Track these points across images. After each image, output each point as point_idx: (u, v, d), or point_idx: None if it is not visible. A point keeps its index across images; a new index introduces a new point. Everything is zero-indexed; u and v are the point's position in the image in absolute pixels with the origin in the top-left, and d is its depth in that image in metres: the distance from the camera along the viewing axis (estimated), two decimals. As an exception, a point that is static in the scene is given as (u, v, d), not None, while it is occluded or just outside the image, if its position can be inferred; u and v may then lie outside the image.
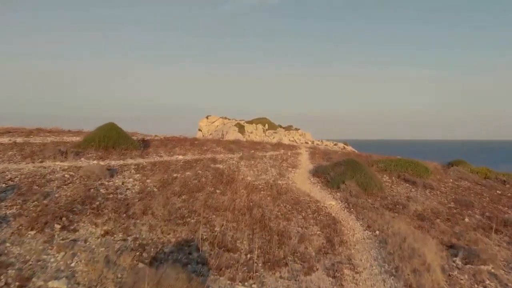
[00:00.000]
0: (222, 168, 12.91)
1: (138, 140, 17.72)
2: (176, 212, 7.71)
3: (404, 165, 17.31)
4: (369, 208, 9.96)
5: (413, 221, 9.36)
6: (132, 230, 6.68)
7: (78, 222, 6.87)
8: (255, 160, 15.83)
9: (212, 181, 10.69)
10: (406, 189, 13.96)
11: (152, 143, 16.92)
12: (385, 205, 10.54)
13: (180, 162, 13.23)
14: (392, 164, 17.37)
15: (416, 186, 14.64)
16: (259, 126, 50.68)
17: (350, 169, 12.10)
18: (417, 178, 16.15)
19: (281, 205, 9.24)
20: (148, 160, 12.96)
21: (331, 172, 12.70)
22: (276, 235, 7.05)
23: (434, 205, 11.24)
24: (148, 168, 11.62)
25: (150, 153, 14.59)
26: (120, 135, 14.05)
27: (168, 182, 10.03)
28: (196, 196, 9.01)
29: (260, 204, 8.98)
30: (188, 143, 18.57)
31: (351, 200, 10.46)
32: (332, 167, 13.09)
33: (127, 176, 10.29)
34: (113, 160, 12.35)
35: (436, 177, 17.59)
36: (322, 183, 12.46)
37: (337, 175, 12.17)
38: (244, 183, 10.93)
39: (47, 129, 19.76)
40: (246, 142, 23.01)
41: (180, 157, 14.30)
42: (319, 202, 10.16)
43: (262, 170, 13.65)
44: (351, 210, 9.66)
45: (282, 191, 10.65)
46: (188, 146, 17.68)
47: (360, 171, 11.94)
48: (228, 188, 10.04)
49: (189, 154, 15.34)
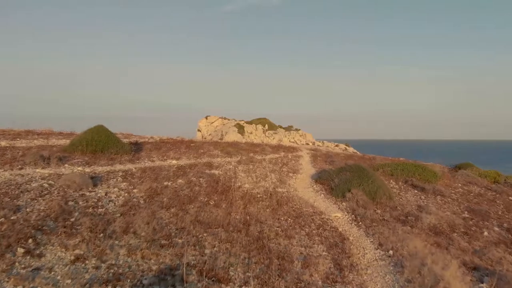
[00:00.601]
0: (218, 174, 11.91)
1: (131, 143, 16.73)
2: (162, 230, 6.70)
3: (411, 169, 16.31)
4: (379, 221, 8.96)
5: (428, 236, 8.35)
6: (108, 254, 5.67)
7: (46, 244, 5.86)
8: (254, 164, 14.83)
9: (206, 190, 9.69)
10: (415, 196, 12.96)
11: (145, 146, 15.93)
12: (396, 217, 9.54)
13: (173, 167, 12.22)
14: (398, 169, 16.36)
15: (425, 192, 13.64)
16: (259, 127, 49.68)
17: (357, 176, 11.10)
18: (425, 184, 15.16)
19: (281, 219, 8.24)
20: (138, 166, 11.96)
21: (336, 178, 11.69)
22: (276, 259, 6.04)
23: (448, 216, 10.23)
24: (137, 175, 10.62)
25: (141, 157, 13.59)
26: (109, 138, 13.05)
27: (157, 192, 9.03)
28: (186, 209, 8.01)
29: (258, 218, 7.98)
30: (184, 146, 17.58)
31: (359, 211, 9.46)
32: (336, 173, 12.09)
33: (112, 185, 9.29)
34: (100, 166, 11.35)
35: (444, 181, 16.60)
36: (326, 191, 11.46)
37: (342, 182, 11.16)
38: (241, 192, 9.93)
39: (36, 131, 18.76)
40: (245, 144, 22.02)
41: (174, 161, 13.29)
42: (324, 214, 9.15)
43: (261, 176, 12.65)
44: (359, 224, 8.66)
45: (282, 201, 9.65)
46: (184, 149, 16.69)
47: (367, 178, 10.93)
48: (223, 199, 9.04)
49: (184, 158, 14.34)
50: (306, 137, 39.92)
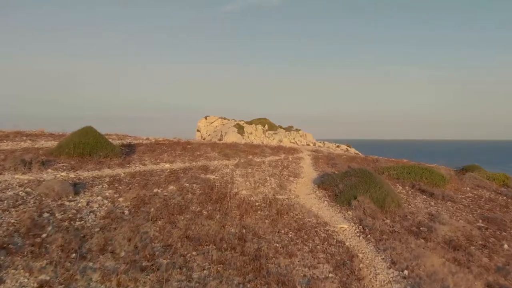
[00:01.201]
0: (213, 179, 11.02)
1: (123, 145, 15.86)
2: (145, 248, 5.82)
3: (418, 173, 15.41)
4: (389, 233, 8.07)
5: (445, 251, 7.46)
6: (77, 280, 4.79)
7: (9, 267, 4.98)
8: (252, 167, 13.95)
9: (199, 198, 8.80)
10: (424, 202, 12.07)
11: (138, 148, 15.04)
12: (407, 228, 8.65)
13: (165, 172, 11.34)
14: (404, 172, 15.47)
15: (434, 198, 12.75)
16: (259, 127, 48.80)
17: (363, 181, 10.21)
18: (433, 188, 14.28)
19: (282, 232, 7.35)
20: (128, 170, 11.08)
21: (340, 184, 10.81)
22: (276, 284, 5.15)
23: (463, 226, 9.34)
24: (125, 181, 9.74)
25: (133, 160, 12.71)
26: (98, 141, 12.17)
27: (145, 201, 8.14)
28: (176, 221, 7.12)
29: (255, 231, 7.10)
30: (180, 148, 16.70)
31: (367, 221, 8.57)
32: (340, 178, 11.20)
33: (96, 193, 8.40)
34: (87, 171, 10.47)
35: (452, 185, 15.70)
36: (330, 198, 10.57)
37: (347, 189, 10.28)
38: (238, 200, 9.04)
39: (26, 132, 17.90)
40: (243, 146, 21.14)
41: (167, 165, 12.41)
42: (328, 225, 8.26)
43: (260, 180, 11.76)
44: (368, 237, 7.77)
45: (283, 209, 8.76)
46: (179, 151, 15.81)
47: (375, 184, 10.04)
48: (217, 208, 8.15)
49: (178, 162, 13.45)
50: (306, 137, 39.02)
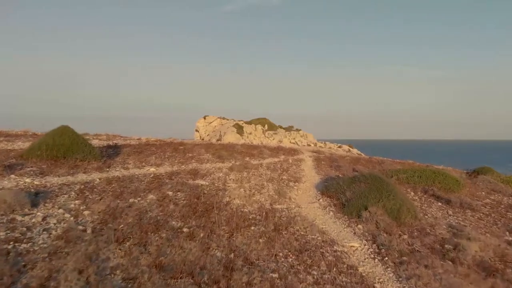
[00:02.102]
0: (203, 185, 9.58)
1: (109, 146, 14.44)
2: (99, 284, 4.39)
3: (431, 176, 13.97)
4: (409, 254, 6.63)
5: (480, 278, 6.02)
6: None
7: None
8: (248, 171, 12.51)
9: (183, 210, 7.36)
10: (441, 211, 10.63)
11: (124, 150, 13.61)
12: (429, 246, 7.20)
13: (148, 177, 9.90)
14: (415, 176, 14.03)
15: (451, 206, 11.31)
16: (259, 127, 47.39)
17: (374, 189, 8.77)
18: (448, 194, 12.86)
19: (279, 255, 5.91)
20: (106, 175, 9.65)
21: (347, 191, 9.37)
22: None
23: (493, 242, 7.89)
24: (98, 188, 8.31)
25: (114, 164, 11.28)
26: (74, 142, 10.73)
27: (115, 214, 6.71)
28: (148, 241, 5.69)
29: (247, 255, 5.65)
30: (171, 149, 15.27)
31: (381, 238, 7.12)
32: (347, 184, 9.76)
33: (58, 205, 6.97)
34: (57, 176, 9.04)
35: (467, 190, 14.26)
36: (336, 208, 9.12)
37: (355, 197, 8.83)
38: (229, 212, 7.60)
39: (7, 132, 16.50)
40: (241, 147, 19.72)
41: (152, 169, 10.97)
42: (336, 243, 6.81)
43: (256, 186, 10.33)
44: (384, 260, 6.32)
45: (281, 224, 7.32)
46: (169, 153, 14.38)
47: (388, 192, 8.60)
48: (202, 224, 6.71)
49: (166, 165, 12.02)
50: (307, 137, 37.59)
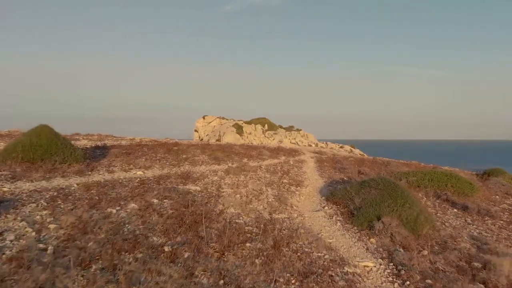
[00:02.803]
0: (194, 191, 8.51)
1: (97, 147, 13.39)
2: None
3: (442, 179, 12.88)
4: (433, 275, 5.55)
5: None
6: None
7: None
8: (246, 174, 11.44)
9: (168, 221, 6.29)
10: (458, 219, 9.55)
11: (112, 151, 12.54)
12: (455, 264, 6.12)
13: (134, 181, 8.84)
14: (426, 179, 12.95)
15: (469, 213, 10.22)
16: (258, 127, 46.32)
17: (387, 195, 7.69)
18: (462, 199, 11.80)
19: (280, 280, 4.83)
20: (86, 180, 8.58)
21: (356, 197, 8.29)
22: None
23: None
24: (74, 195, 7.24)
25: (99, 166, 10.22)
26: (53, 142, 9.67)
27: (87, 228, 5.63)
28: (119, 265, 4.62)
29: (239, 282, 4.59)
30: (164, 150, 14.20)
31: (399, 255, 6.05)
32: (356, 189, 8.68)
33: (21, 217, 5.90)
34: (30, 182, 7.97)
35: (481, 194, 13.18)
36: (344, 217, 8.04)
37: (366, 205, 7.76)
38: (221, 224, 6.53)
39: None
40: (239, 147, 18.65)
41: (139, 172, 9.91)
42: (347, 263, 5.73)
43: (253, 192, 9.26)
44: (405, 284, 5.24)
45: (282, 238, 6.25)
46: (162, 154, 13.31)
47: (403, 200, 7.53)
48: (189, 239, 5.64)
49: (156, 167, 10.95)
50: (308, 137, 36.51)
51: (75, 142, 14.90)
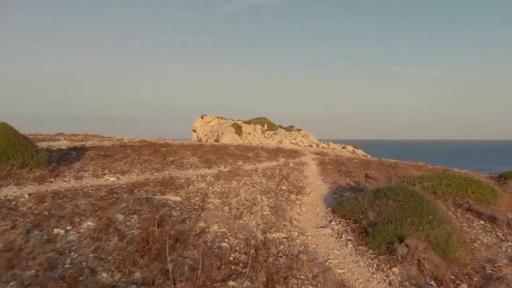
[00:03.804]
0: (173, 203, 6.97)
1: (75, 148, 11.87)
2: None
3: (462, 185, 11.34)
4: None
5: None
6: None
7: None
8: (239, 179, 9.91)
9: (128, 248, 4.75)
10: (486, 233, 7.99)
11: (88, 153, 10.99)
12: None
13: (103, 190, 7.31)
14: (443, 184, 11.40)
15: (498, 225, 8.67)
16: (258, 127, 44.81)
17: (410, 208, 6.14)
18: (485, 207, 10.28)
19: None
20: (44, 188, 7.05)
21: (370, 210, 6.75)
22: None
23: None
24: (19, 211, 5.71)
25: (67, 171, 8.69)
26: (10, 144, 8.15)
27: (15, 259, 4.12)
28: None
29: None
30: (149, 152, 12.68)
31: (433, 294, 4.52)
32: (369, 200, 7.12)
33: None
34: (-29, 191, 6.46)
35: (504, 201, 11.64)
36: (355, 234, 6.48)
37: (383, 221, 6.21)
38: (199, 249, 5.00)
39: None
40: (235, 148, 17.12)
41: (112, 179, 8.37)
42: (365, 307, 4.21)
43: (246, 202, 7.72)
44: None
45: (278, 271, 4.71)
46: (146, 157, 11.79)
47: (430, 214, 5.99)
48: (149, 276, 4.11)
49: (134, 172, 9.42)
50: (308, 138, 34.96)
51: (54, 142, 13.39)
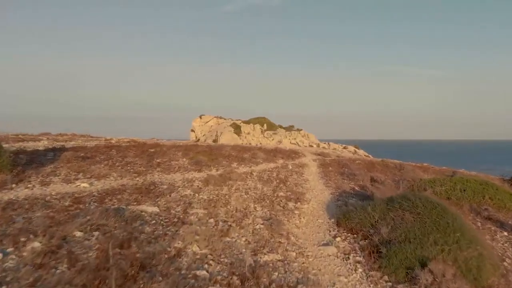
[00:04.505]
0: (149, 215, 5.84)
1: (54, 149, 10.76)
2: None
3: (478, 190, 10.21)
4: None
5: None
6: None
7: None
8: (231, 184, 8.79)
9: (75, 279, 3.64)
10: None
11: (64, 155, 9.86)
12: None
13: (67, 200, 6.19)
14: (457, 189, 10.27)
15: (524, 237, 7.56)
16: (257, 127, 43.70)
17: (431, 223, 5.01)
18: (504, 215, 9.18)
19: None
20: (-2, 198, 5.95)
21: (382, 224, 5.62)
22: None
23: None
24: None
25: (33, 176, 7.57)
26: (-35, 144, 7.04)
27: None
28: None
29: None
30: (136, 153, 11.57)
31: None
32: (380, 211, 5.99)
33: None
34: None
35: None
36: (365, 253, 5.34)
37: (400, 238, 5.09)
38: (170, 280, 3.89)
39: None
40: (231, 149, 16.01)
41: (85, 184, 7.25)
42: None
43: (235, 214, 6.58)
44: None
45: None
46: (131, 158, 10.67)
47: (456, 231, 4.87)
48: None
49: (113, 176, 8.30)
50: (309, 138, 33.82)
51: (34, 143, 12.30)
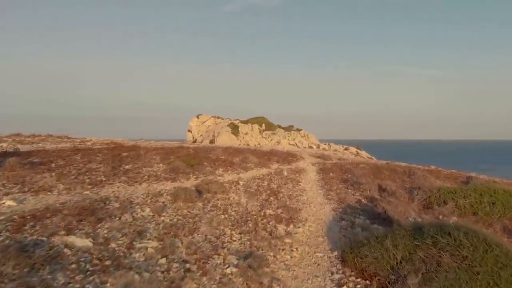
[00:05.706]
0: (73, 253, 4.02)
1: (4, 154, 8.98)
2: None
3: (509, 203, 8.38)
4: None
5: None
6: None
7: None
8: (208, 199, 6.94)
9: None
10: None
11: (9, 161, 8.01)
12: None
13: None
14: (484, 202, 8.41)
15: None
16: (255, 127, 41.80)
17: (485, 273, 3.19)
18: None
19: None
20: None
21: (408, 269, 3.79)
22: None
23: None
24: None
25: None
26: None
27: None
28: None
29: None
30: (104, 158, 9.75)
31: None
32: (404, 247, 4.15)
33: None
34: None
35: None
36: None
37: None
38: None
39: None
40: (221, 151, 14.18)
41: (10, 202, 5.40)
42: None
43: (202, 247, 4.76)
44: None
45: None
46: (95, 164, 8.86)
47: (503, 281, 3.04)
48: None
49: (57, 190, 6.45)
50: (309, 138, 31.96)
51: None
